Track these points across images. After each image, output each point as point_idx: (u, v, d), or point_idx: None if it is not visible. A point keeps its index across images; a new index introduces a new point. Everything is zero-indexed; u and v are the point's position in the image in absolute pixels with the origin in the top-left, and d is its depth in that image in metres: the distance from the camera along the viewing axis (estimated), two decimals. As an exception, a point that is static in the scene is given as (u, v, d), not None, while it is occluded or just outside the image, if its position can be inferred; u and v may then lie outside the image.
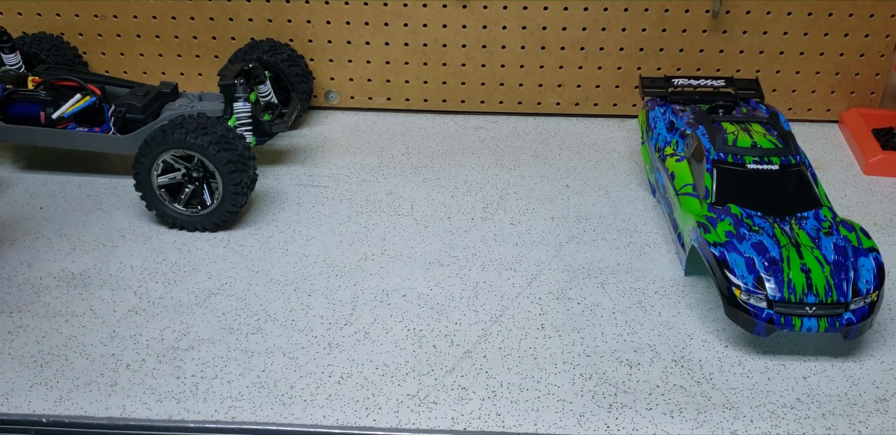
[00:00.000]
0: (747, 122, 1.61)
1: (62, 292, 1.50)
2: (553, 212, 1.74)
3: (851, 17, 1.94)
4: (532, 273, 1.56)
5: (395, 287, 1.52)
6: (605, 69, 2.04)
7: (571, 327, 1.43)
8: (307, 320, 1.44)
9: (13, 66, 1.87)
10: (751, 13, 1.95)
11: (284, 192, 1.79)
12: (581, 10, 1.96)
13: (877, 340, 1.41)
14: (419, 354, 1.37)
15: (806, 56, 2.00)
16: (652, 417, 1.25)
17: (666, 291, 1.51)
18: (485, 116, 2.11)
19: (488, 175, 1.86)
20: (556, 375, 1.33)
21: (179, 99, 1.80)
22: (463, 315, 1.46)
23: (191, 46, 2.07)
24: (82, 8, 2.03)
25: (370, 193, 1.79)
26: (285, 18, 2.01)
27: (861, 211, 1.75)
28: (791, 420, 1.25)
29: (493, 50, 2.03)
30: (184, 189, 1.64)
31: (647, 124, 1.78)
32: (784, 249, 1.36)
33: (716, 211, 1.45)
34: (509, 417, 1.26)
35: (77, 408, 1.27)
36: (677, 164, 1.61)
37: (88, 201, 1.76)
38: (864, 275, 1.33)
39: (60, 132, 1.76)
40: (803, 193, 1.48)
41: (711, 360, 1.36)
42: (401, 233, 1.67)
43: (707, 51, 2.00)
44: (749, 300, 1.32)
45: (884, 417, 1.26)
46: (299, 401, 1.28)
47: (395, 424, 1.24)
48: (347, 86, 2.10)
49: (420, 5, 1.97)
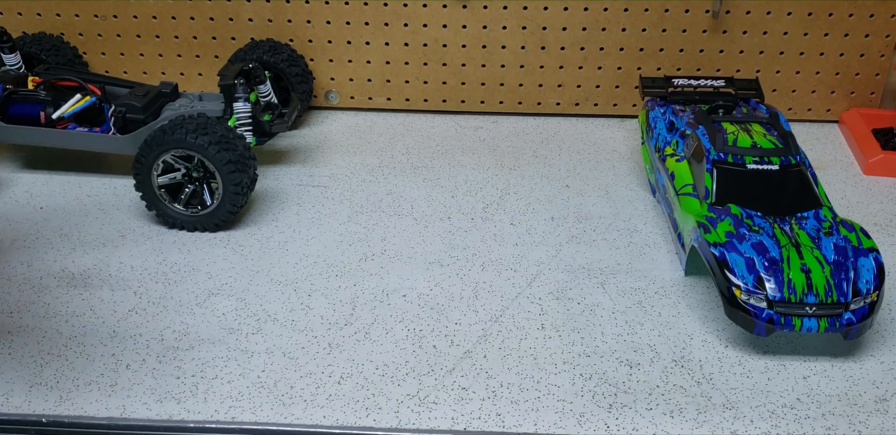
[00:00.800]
0: (747, 122, 1.61)
1: (62, 292, 1.50)
2: (553, 212, 1.74)
3: (851, 17, 1.94)
4: (532, 273, 1.56)
5: (395, 287, 1.52)
6: (605, 69, 2.04)
7: (571, 327, 1.43)
8: (307, 320, 1.44)
9: (13, 66, 1.87)
10: (751, 13, 1.95)
11: (284, 192, 1.79)
12: (581, 10, 1.96)
13: (877, 340, 1.41)
14: (419, 354, 1.37)
15: (806, 56, 2.00)
16: (652, 417, 1.26)
17: (666, 291, 1.51)
18: (485, 116, 2.11)
19: (488, 175, 1.86)
20: (556, 375, 1.33)
21: (179, 99, 1.80)
22: (463, 315, 1.46)
23: (191, 46, 2.07)
24: (82, 8, 2.03)
25: (370, 193, 1.79)
26: (285, 18, 2.01)
27: (861, 211, 1.75)
28: (791, 420, 1.25)
29: (493, 50, 2.03)
30: (184, 189, 1.64)
31: (647, 124, 1.78)
32: (784, 249, 1.36)
33: (716, 211, 1.45)
34: (509, 417, 1.26)
35: (77, 408, 1.27)
36: (677, 164, 1.61)
37: (88, 201, 1.76)
38: (864, 275, 1.34)
39: (60, 132, 1.76)
40: (803, 193, 1.48)
41: (711, 360, 1.36)
42: (401, 233, 1.67)
43: (707, 51, 2.00)
44: (749, 300, 1.32)
45: (884, 417, 1.26)
46: (299, 401, 1.28)
47: (395, 424, 1.24)
48: (347, 86, 2.10)
49: (420, 5, 1.97)
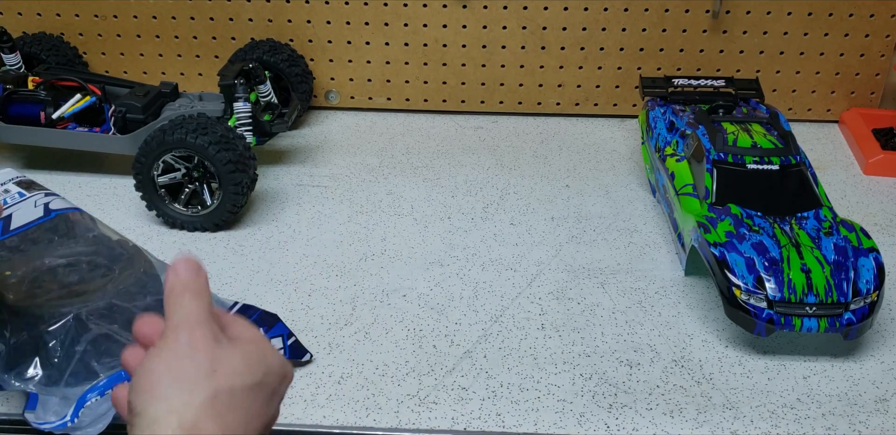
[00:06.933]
0: (747, 122, 1.61)
1: (62, 292, 1.50)
2: (553, 212, 1.74)
3: (851, 17, 1.94)
4: (532, 273, 1.56)
5: (395, 287, 1.52)
6: (605, 69, 2.04)
7: (571, 327, 1.43)
8: (307, 320, 1.44)
9: (13, 66, 1.87)
10: (751, 13, 1.95)
11: (284, 192, 1.79)
12: (581, 10, 1.96)
13: (877, 340, 1.41)
14: (419, 354, 1.37)
15: (806, 56, 2.00)
16: (652, 417, 1.26)
17: (666, 291, 1.51)
18: (485, 116, 2.11)
19: (488, 175, 1.86)
20: (556, 375, 1.33)
21: (179, 99, 1.80)
22: (463, 315, 1.46)
23: (191, 46, 2.07)
24: (82, 8, 2.03)
25: (370, 193, 1.79)
26: (285, 18, 2.01)
27: (861, 211, 1.75)
28: (791, 420, 1.25)
29: (493, 50, 2.03)
30: (184, 189, 1.64)
31: (647, 124, 1.78)
32: (784, 249, 1.36)
33: (716, 211, 1.45)
34: (509, 417, 1.26)
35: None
36: (677, 164, 1.61)
37: (88, 201, 1.76)
38: (864, 275, 1.34)
39: (60, 132, 1.76)
40: (803, 193, 1.48)
41: (711, 360, 1.36)
42: (401, 233, 1.67)
43: (707, 51, 2.00)
44: (749, 300, 1.32)
45: (884, 417, 1.26)
46: (299, 401, 1.28)
47: (395, 424, 1.24)
48: (347, 86, 2.10)
49: (420, 5, 1.97)
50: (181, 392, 0.77)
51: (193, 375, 0.78)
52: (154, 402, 0.78)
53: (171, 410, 0.76)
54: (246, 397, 0.79)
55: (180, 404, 0.77)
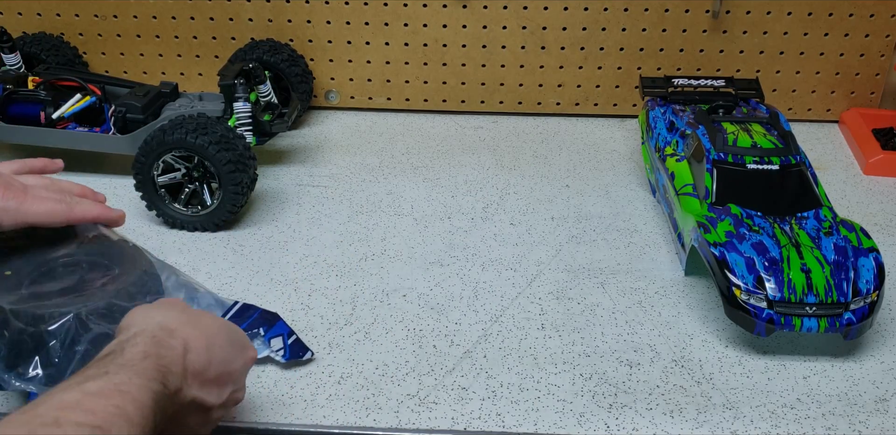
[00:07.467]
0: (747, 122, 1.61)
1: (62, 292, 1.50)
2: (553, 212, 1.74)
3: (851, 17, 1.94)
4: (532, 273, 1.56)
5: (395, 287, 1.52)
6: (605, 69, 2.04)
7: (571, 327, 1.43)
8: (307, 320, 1.44)
9: (13, 66, 1.87)
10: (751, 13, 1.95)
11: (284, 192, 1.79)
12: (581, 10, 1.96)
13: (877, 340, 1.41)
14: (419, 354, 1.37)
15: (806, 56, 2.00)
16: (652, 417, 1.26)
17: (666, 291, 1.51)
18: (485, 116, 2.11)
19: (488, 175, 1.86)
20: (556, 375, 1.33)
21: (179, 99, 1.80)
22: (463, 315, 1.46)
23: (191, 46, 2.07)
24: (82, 8, 2.03)
25: (370, 193, 1.79)
26: (285, 18, 2.01)
27: (861, 211, 1.75)
28: (791, 420, 1.25)
29: (493, 50, 2.03)
30: (184, 189, 1.64)
31: (647, 124, 1.78)
32: (784, 249, 1.36)
33: (716, 211, 1.45)
34: (509, 417, 1.26)
35: (77, 408, 1.27)
36: (677, 164, 1.61)
37: (88, 201, 1.76)
38: (864, 275, 1.33)
39: (60, 132, 1.76)
40: (803, 193, 1.48)
41: (711, 360, 1.36)
42: (401, 233, 1.67)
43: (707, 51, 2.00)
44: (749, 300, 1.32)
45: (884, 417, 1.26)
46: (299, 401, 1.28)
47: (395, 424, 1.24)
48: (347, 86, 2.10)
49: (420, 5, 1.97)
50: (166, 310, 1.03)
51: (180, 306, 1.07)
52: (140, 317, 1.01)
53: (152, 317, 1.01)
54: (220, 334, 1.04)
55: (160, 315, 1.01)
